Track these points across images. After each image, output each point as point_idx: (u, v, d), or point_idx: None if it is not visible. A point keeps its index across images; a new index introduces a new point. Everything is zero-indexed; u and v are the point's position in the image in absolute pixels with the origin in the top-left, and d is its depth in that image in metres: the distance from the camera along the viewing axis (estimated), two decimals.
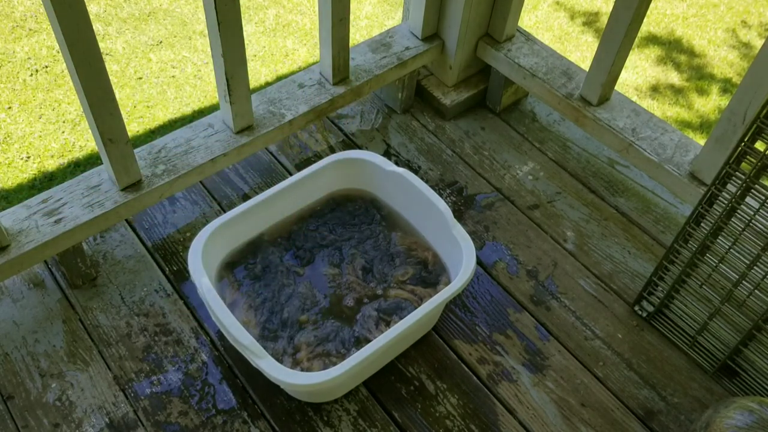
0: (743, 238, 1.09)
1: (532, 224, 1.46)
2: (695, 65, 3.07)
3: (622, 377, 1.24)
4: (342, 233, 1.31)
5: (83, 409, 1.15)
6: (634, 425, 1.19)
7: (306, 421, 1.16)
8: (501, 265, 1.39)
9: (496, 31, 1.58)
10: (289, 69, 2.77)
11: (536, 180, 1.54)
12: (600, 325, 1.31)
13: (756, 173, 1.03)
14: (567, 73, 1.52)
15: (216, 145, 1.33)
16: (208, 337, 1.25)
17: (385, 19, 3.08)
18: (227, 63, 1.22)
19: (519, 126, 1.65)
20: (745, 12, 3.36)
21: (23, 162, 2.31)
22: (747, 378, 1.21)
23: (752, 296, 1.12)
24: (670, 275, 1.25)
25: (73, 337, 1.24)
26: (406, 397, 1.19)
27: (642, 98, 2.89)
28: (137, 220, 1.41)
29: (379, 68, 1.51)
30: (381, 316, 1.19)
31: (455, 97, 1.64)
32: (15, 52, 2.68)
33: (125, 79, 2.63)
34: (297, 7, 3.06)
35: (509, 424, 1.17)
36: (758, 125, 1.00)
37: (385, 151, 1.58)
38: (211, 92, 2.62)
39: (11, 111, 2.46)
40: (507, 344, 1.27)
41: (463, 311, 1.31)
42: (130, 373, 1.20)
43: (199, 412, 1.16)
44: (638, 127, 1.41)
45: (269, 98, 1.43)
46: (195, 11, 2.96)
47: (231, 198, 1.46)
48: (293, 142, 1.58)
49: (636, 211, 1.49)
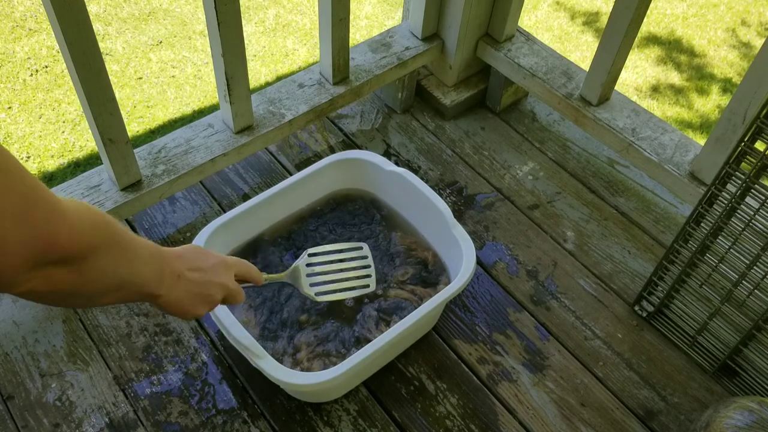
0: (743, 238, 1.09)
1: (532, 224, 1.46)
2: (695, 65, 3.07)
3: (622, 377, 1.24)
4: (342, 233, 1.31)
5: (83, 409, 1.15)
6: (634, 425, 1.19)
7: (306, 421, 1.16)
8: (501, 265, 1.39)
9: (496, 31, 1.58)
10: (289, 69, 2.77)
11: (536, 180, 1.54)
12: (600, 325, 1.31)
13: (756, 173, 1.03)
14: (567, 73, 1.52)
15: (216, 145, 1.33)
16: (208, 337, 1.25)
17: (385, 19, 3.08)
18: (227, 63, 1.22)
19: (519, 126, 1.65)
20: (745, 12, 3.36)
21: (23, 162, 2.31)
22: (747, 378, 1.21)
23: (752, 296, 1.12)
24: (670, 275, 1.25)
25: (73, 337, 1.24)
26: (406, 397, 1.19)
27: (642, 98, 2.89)
28: (137, 220, 1.41)
29: (379, 68, 1.51)
30: (381, 316, 1.19)
31: (455, 97, 1.64)
32: (15, 52, 2.68)
33: (125, 79, 2.63)
34: (297, 7, 3.06)
35: (509, 424, 1.17)
36: (758, 125, 1.00)
37: (385, 151, 1.58)
38: (211, 92, 2.62)
39: (11, 111, 2.46)
40: (507, 344, 1.27)
41: (463, 311, 1.31)
42: (130, 373, 1.20)
43: (199, 412, 1.16)
44: (638, 127, 1.41)
45: (269, 98, 1.43)
46: (195, 11, 2.96)
47: (231, 198, 1.46)
48: (293, 142, 1.58)
49: (636, 211, 1.49)
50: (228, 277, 0.85)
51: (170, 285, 0.74)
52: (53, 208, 0.53)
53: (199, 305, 0.80)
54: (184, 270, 0.77)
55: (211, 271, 0.82)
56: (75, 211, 0.56)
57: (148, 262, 0.71)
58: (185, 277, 0.77)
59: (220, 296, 0.83)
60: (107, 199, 1.23)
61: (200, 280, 0.79)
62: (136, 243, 0.69)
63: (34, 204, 0.50)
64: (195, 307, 0.79)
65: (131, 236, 0.68)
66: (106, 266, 0.62)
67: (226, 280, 0.84)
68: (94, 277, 0.61)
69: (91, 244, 0.58)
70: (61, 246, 0.54)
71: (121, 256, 0.65)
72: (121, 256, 0.64)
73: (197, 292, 0.79)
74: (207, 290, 0.81)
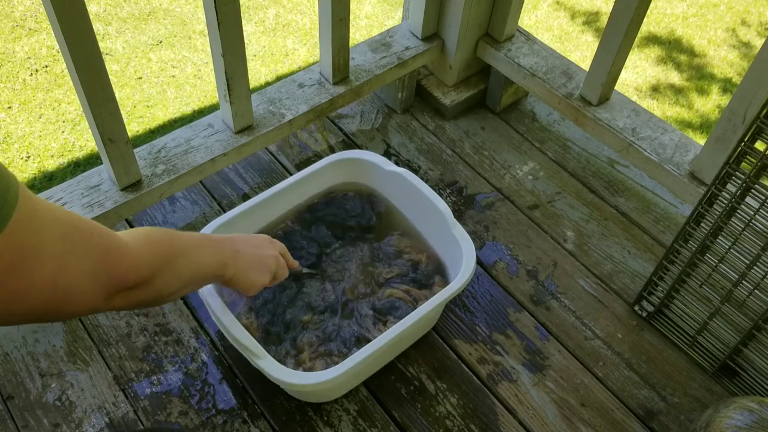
0: (743, 238, 1.09)
1: (532, 224, 1.46)
2: (695, 65, 3.07)
3: (622, 377, 1.24)
4: (341, 232, 1.31)
5: (83, 409, 1.15)
6: (634, 425, 1.19)
7: (306, 421, 1.16)
8: (501, 265, 1.39)
9: (496, 30, 1.58)
10: (289, 69, 2.77)
11: (536, 180, 1.54)
12: (600, 325, 1.31)
13: (756, 173, 1.03)
14: (567, 72, 1.52)
15: (216, 144, 1.33)
16: (208, 337, 1.25)
17: (385, 19, 3.07)
18: (227, 63, 1.22)
19: (519, 126, 1.65)
20: (745, 12, 3.36)
21: (23, 162, 2.31)
22: (747, 378, 1.21)
23: (752, 296, 1.12)
24: (670, 275, 1.25)
25: (73, 336, 1.24)
26: (406, 397, 1.19)
27: (642, 98, 2.89)
28: (137, 220, 1.41)
29: (379, 68, 1.51)
30: (377, 316, 1.19)
31: (455, 96, 1.64)
32: (15, 51, 2.68)
33: (125, 79, 2.63)
34: (297, 7, 3.06)
35: (509, 424, 1.17)
36: (758, 125, 1.00)
37: (385, 151, 1.58)
38: (211, 92, 2.62)
39: (11, 111, 2.46)
40: (507, 344, 1.27)
41: (463, 311, 1.31)
42: (130, 372, 1.20)
43: (199, 412, 1.16)
44: (638, 127, 1.41)
45: (269, 98, 1.43)
46: (195, 11, 2.96)
47: (231, 198, 1.46)
48: (293, 142, 1.58)
49: (636, 211, 1.49)
50: (275, 249, 0.99)
51: (233, 265, 0.87)
52: (118, 253, 0.63)
53: (261, 273, 0.94)
54: (239, 248, 0.90)
55: (260, 246, 0.96)
56: (134, 245, 0.66)
57: (209, 254, 0.83)
58: (242, 253, 0.90)
59: (274, 265, 0.97)
60: (107, 199, 1.23)
61: (254, 252, 0.93)
62: (194, 242, 0.81)
63: (104, 259, 0.61)
64: (258, 275, 0.93)
65: (188, 240, 0.79)
66: (173, 275, 0.73)
67: (275, 251, 0.98)
68: (164, 286, 0.71)
69: (153, 268, 0.68)
70: (129, 280, 0.65)
71: (184, 262, 0.76)
72: (184, 263, 0.75)
73: (256, 263, 0.93)
74: (263, 260, 0.94)
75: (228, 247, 0.88)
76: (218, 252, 0.85)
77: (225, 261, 0.86)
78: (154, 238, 0.71)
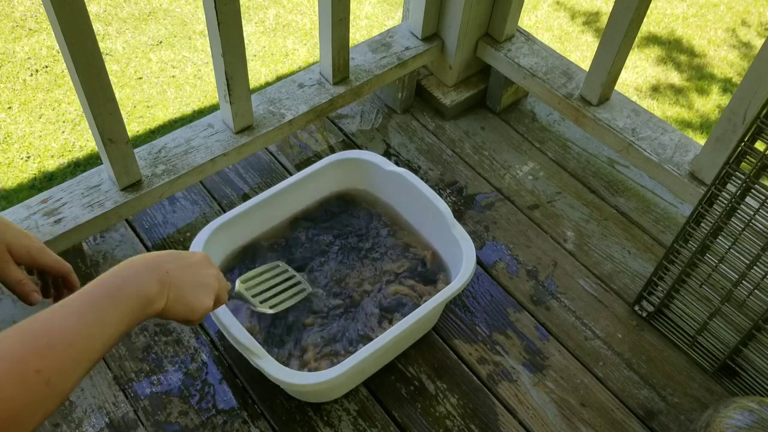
0: (743, 238, 1.09)
1: (532, 224, 1.46)
2: (695, 65, 3.07)
3: (622, 377, 1.24)
4: (342, 232, 1.31)
5: (83, 409, 1.15)
6: (634, 425, 1.19)
7: (306, 421, 1.16)
8: (501, 265, 1.39)
9: (496, 31, 1.58)
10: (289, 69, 2.77)
11: (536, 180, 1.54)
12: (600, 325, 1.31)
13: (756, 173, 1.03)
14: (567, 73, 1.52)
15: (216, 145, 1.33)
16: (208, 337, 1.25)
17: (385, 19, 3.08)
18: (227, 63, 1.22)
19: (519, 126, 1.65)
20: (745, 12, 3.36)
21: (23, 162, 2.31)
22: (747, 378, 1.21)
23: (752, 296, 1.12)
24: (670, 275, 1.25)
25: None
26: (406, 397, 1.19)
27: (642, 98, 2.89)
28: (137, 220, 1.41)
29: (379, 68, 1.51)
30: (383, 314, 1.19)
31: (455, 97, 1.64)
32: (15, 52, 2.68)
33: (125, 79, 2.63)
34: (297, 7, 3.06)
35: (509, 424, 1.17)
36: (758, 125, 1.00)
37: (385, 151, 1.58)
38: (211, 92, 2.62)
39: (11, 111, 2.46)
40: (507, 344, 1.27)
41: (463, 311, 1.31)
42: (130, 373, 1.20)
43: (199, 412, 1.16)
44: (638, 127, 1.41)
45: (269, 98, 1.43)
46: (195, 11, 2.96)
47: (231, 198, 1.46)
48: (293, 142, 1.58)
49: (636, 211, 1.49)
50: (215, 268, 0.82)
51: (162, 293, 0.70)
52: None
53: (204, 295, 0.77)
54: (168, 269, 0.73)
55: (197, 264, 0.79)
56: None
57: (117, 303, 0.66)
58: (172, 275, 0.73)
59: (216, 284, 0.80)
60: (107, 199, 1.23)
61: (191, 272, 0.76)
62: (90, 303, 0.64)
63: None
64: (199, 298, 0.76)
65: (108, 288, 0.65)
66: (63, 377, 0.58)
67: (215, 270, 0.81)
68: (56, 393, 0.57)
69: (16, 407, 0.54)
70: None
71: (80, 345, 0.60)
72: (80, 347, 0.60)
73: (193, 284, 0.76)
74: (202, 280, 0.77)
75: (152, 273, 0.70)
76: (132, 288, 0.67)
77: (149, 294, 0.68)
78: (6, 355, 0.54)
